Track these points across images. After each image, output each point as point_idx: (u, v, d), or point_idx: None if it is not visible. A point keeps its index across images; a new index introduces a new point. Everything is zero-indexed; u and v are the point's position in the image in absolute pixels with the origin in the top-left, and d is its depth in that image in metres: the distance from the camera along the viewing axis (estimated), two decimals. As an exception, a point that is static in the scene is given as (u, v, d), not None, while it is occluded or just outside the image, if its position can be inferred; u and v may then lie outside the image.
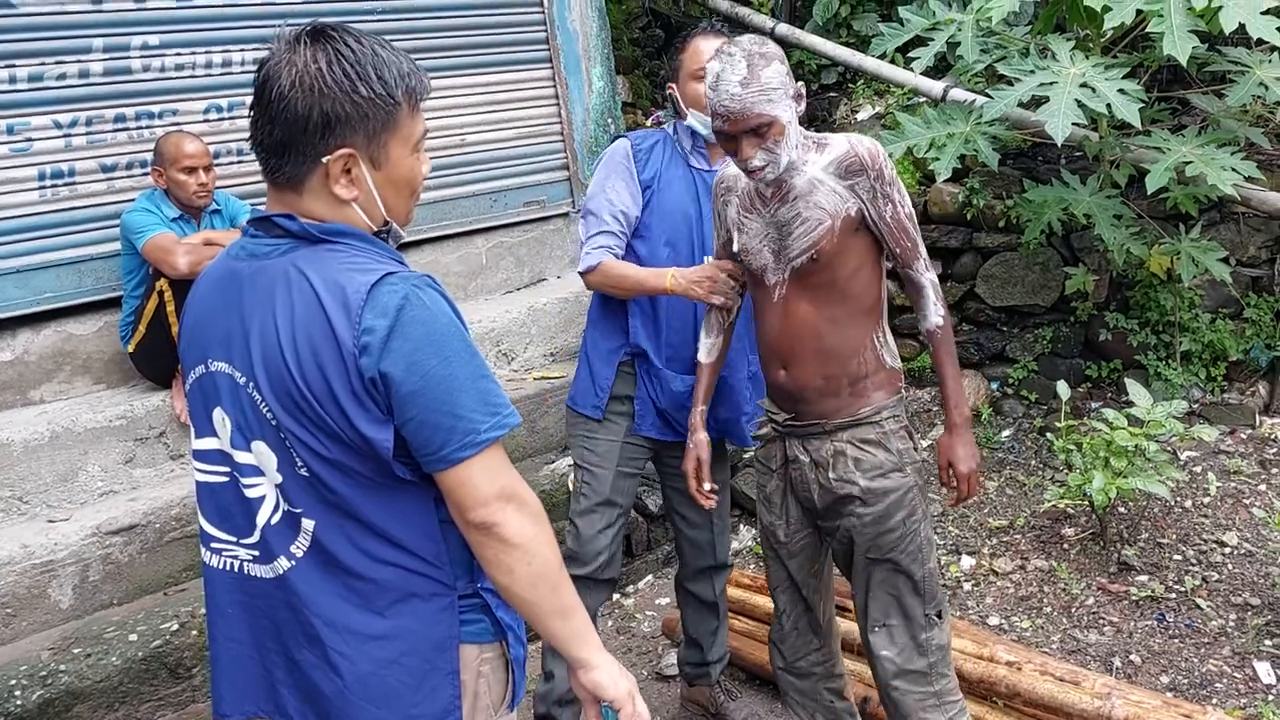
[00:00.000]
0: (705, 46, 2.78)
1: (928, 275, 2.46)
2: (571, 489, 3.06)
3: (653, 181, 2.87)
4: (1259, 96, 3.99)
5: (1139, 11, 3.82)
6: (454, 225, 5.15)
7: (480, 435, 1.50)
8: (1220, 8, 3.66)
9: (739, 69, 2.20)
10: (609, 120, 5.68)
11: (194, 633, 3.30)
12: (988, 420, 4.99)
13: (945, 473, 2.54)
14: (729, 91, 2.20)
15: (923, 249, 2.46)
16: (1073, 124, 3.79)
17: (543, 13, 5.40)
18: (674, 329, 2.91)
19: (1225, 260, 4.33)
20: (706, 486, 2.71)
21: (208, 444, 1.62)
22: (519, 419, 1.58)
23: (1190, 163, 3.89)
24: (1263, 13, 3.65)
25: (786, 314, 2.43)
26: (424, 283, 1.52)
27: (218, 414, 1.59)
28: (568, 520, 3.01)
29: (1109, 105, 3.78)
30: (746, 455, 4.40)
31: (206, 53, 4.33)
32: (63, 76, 3.99)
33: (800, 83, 2.35)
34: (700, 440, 2.72)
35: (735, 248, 2.52)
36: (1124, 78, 3.88)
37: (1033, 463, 4.69)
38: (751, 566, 4.21)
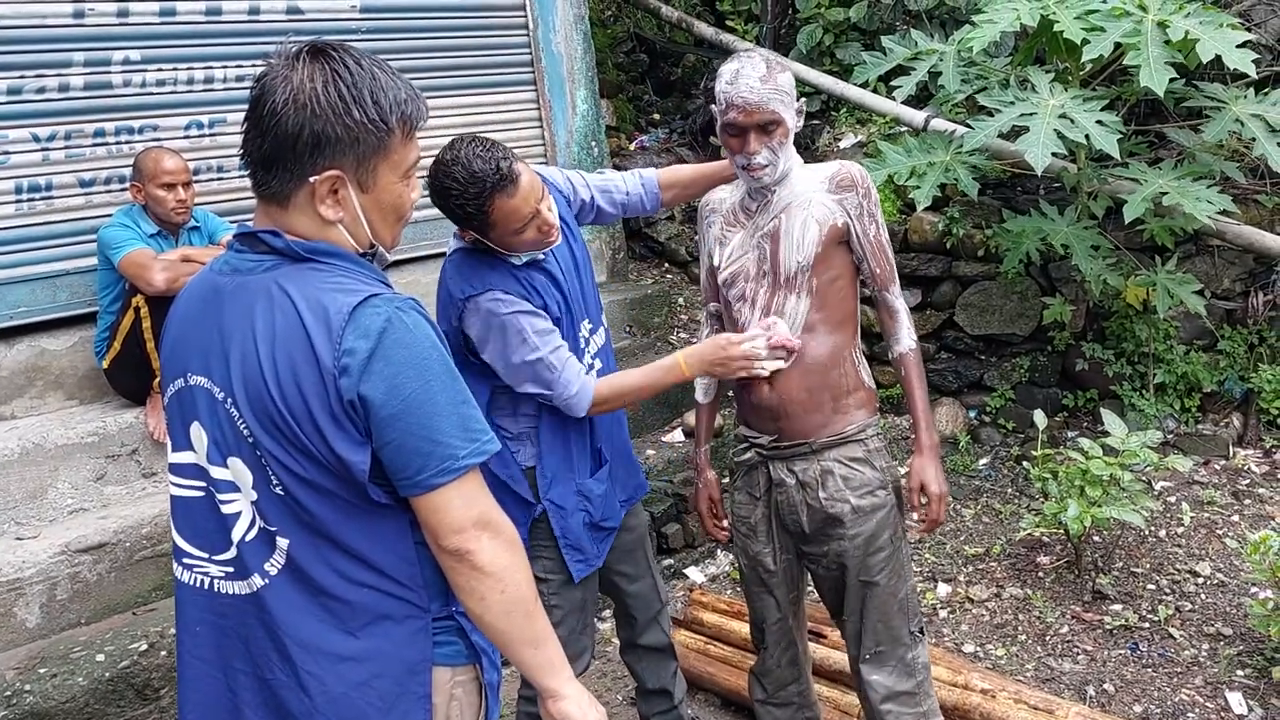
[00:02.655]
0: (514, 205, 2.35)
1: (901, 300, 2.55)
2: None
3: (545, 301, 2.53)
4: (1234, 132, 4.05)
5: (1117, 45, 3.87)
6: (435, 245, 5.14)
7: (458, 461, 1.49)
8: (1197, 40, 3.72)
9: (759, 67, 2.30)
10: (593, 143, 5.70)
11: (163, 653, 3.26)
12: (965, 448, 5.01)
13: (916, 495, 2.55)
14: (748, 84, 2.29)
15: (897, 275, 2.54)
16: (1051, 155, 3.83)
17: (528, 35, 5.43)
18: (578, 433, 2.64)
19: (1200, 293, 4.38)
20: (725, 522, 2.76)
21: (184, 458, 1.61)
22: (498, 445, 1.57)
23: (1167, 194, 3.93)
24: (1238, 46, 3.71)
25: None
26: (407, 305, 1.51)
27: (195, 428, 1.57)
28: None
29: (1087, 136, 3.83)
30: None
31: (189, 69, 4.32)
32: (42, 90, 3.97)
33: (802, 99, 2.42)
34: (709, 479, 2.79)
35: (715, 261, 2.55)
36: (1102, 110, 3.92)
37: (1009, 491, 4.70)
38: (728, 592, 4.19)
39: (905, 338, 2.53)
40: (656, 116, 7.60)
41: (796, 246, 2.40)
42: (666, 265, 6.39)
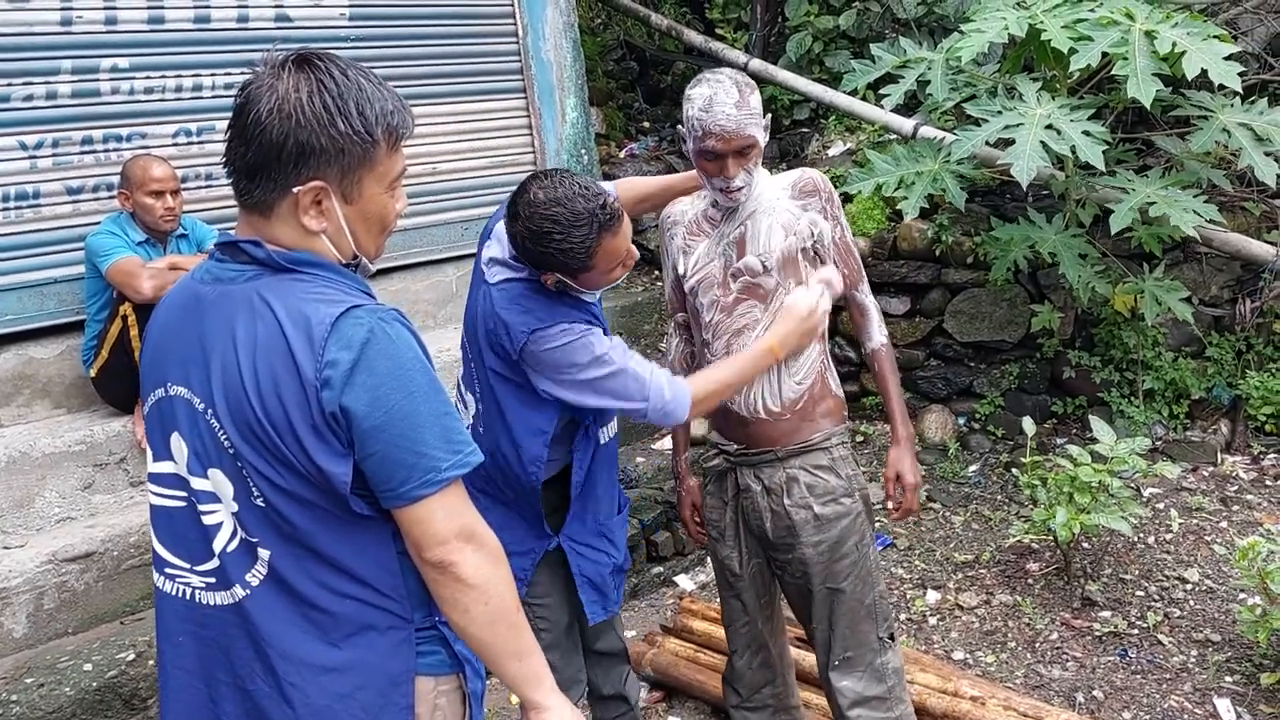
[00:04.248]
0: (617, 244, 2.24)
1: (870, 298, 2.60)
2: None
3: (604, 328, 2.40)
4: (1220, 142, 4.06)
5: (1105, 54, 3.89)
6: (425, 253, 5.15)
7: (441, 473, 1.49)
8: (1184, 53, 3.73)
9: (731, 93, 2.30)
10: (582, 151, 5.70)
11: (150, 663, 3.24)
12: (954, 455, 5.01)
13: (892, 484, 2.59)
14: (724, 112, 2.29)
15: (864, 273, 2.58)
16: (1039, 164, 3.84)
17: (517, 43, 5.43)
18: (601, 492, 2.56)
19: (1188, 300, 4.40)
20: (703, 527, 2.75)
21: (164, 468, 1.59)
22: (481, 456, 1.56)
23: (1154, 204, 3.95)
24: (1225, 58, 3.72)
25: (736, 331, 2.48)
26: (390, 316, 1.50)
27: (175, 439, 1.56)
28: None
29: (1073, 147, 3.84)
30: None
31: (177, 76, 4.31)
32: (30, 98, 3.96)
33: (768, 115, 2.43)
34: (690, 487, 2.78)
35: (680, 270, 2.56)
36: (1089, 119, 3.94)
37: (998, 498, 4.71)
38: (718, 600, 4.19)
39: (876, 334, 2.58)
40: (646, 124, 7.61)
41: (763, 250, 2.43)
42: (656, 273, 6.39)
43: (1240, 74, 3.73)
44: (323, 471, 1.46)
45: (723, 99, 2.29)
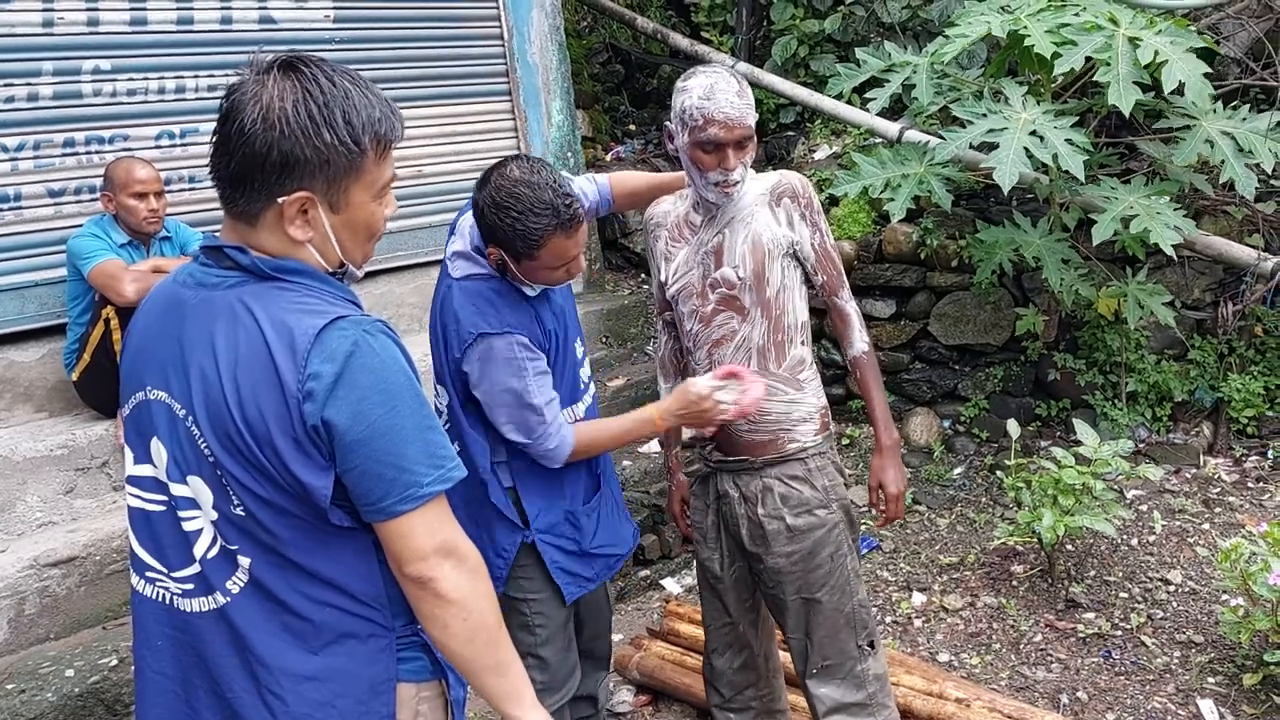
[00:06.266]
0: (566, 246, 2.30)
1: (851, 304, 2.55)
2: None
3: (550, 337, 2.48)
4: (1201, 153, 4.08)
5: (1088, 58, 3.90)
6: (410, 256, 5.14)
7: (422, 489, 1.47)
8: (1165, 63, 3.74)
9: (731, 82, 2.29)
10: (568, 154, 5.70)
11: (133, 668, 3.22)
12: (939, 458, 5.03)
13: (875, 493, 2.58)
14: (728, 99, 2.27)
15: (845, 279, 2.55)
16: (1022, 168, 3.85)
17: (503, 46, 5.43)
18: (572, 477, 2.59)
19: (1171, 303, 4.42)
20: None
21: (144, 471, 1.58)
22: (464, 472, 1.55)
23: (1136, 215, 3.96)
24: (1208, 63, 3.74)
25: (715, 342, 2.48)
26: (375, 328, 1.48)
27: (154, 443, 1.54)
28: (526, 655, 2.46)
29: (1055, 155, 3.85)
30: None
31: (159, 78, 4.29)
32: (10, 99, 3.94)
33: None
34: (681, 481, 2.79)
35: (663, 277, 2.55)
36: (1073, 125, 3.95)
37: (983, 500, 4.72)
38: (704, 602, 4.19)
39: (858, 341, 2.55)
40: (632, 127, 7.62)
41: (739, 262, 2.40)
42: (642, 276, 6.40)
43: (1221, 81, 3.75)
44: (302, 484, 1.44)
45: (724, 87, 2.27)
